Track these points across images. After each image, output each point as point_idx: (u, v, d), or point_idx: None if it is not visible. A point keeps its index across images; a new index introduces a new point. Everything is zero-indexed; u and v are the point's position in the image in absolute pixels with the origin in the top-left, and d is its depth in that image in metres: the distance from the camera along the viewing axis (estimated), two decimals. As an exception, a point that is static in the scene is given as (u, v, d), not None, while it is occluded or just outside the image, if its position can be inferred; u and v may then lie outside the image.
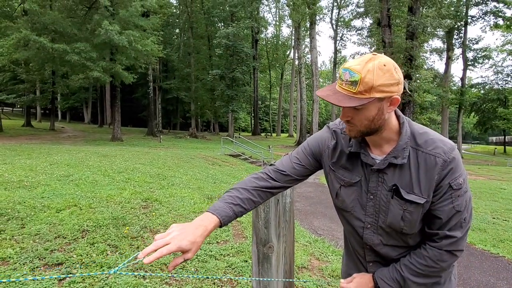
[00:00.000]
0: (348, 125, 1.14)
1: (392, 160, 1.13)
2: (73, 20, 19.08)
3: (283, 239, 1.63)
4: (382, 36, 19.92)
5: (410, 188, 1.13)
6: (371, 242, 1.23)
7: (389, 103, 1.10)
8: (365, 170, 1.20)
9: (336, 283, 3.49)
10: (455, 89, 34.89)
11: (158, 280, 3.02)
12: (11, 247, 3.44)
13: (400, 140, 1.14)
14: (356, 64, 1.04)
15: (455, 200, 1.10)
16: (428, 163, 1.11)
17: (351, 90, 1.04)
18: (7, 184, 5.91)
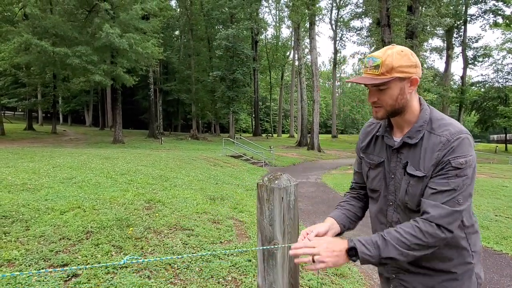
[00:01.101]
0: (375, 106, 1.31)
1: (407, 140, 1.29)
2: (74, 24, 19.15)
3: (288, 236, 1.65)
4: (382, 35, 19.92)
5: (417, 165, 1.25)
6: (391, 219, 1.36)
7: (410, 84, 1.26)
8: (388, 151, 1.37)
9: (340, 281, 3.51)
10: (456, 87, 34.91)
11: (163, 280, 3.05)
12: (16, 249, 3.47)
13: (416, 123, 1.29)
14: (378, 52, 1.26)
15: (452, 178, 1.18)
16: (435, 142, 1.23)
17: (375, 73, 1.24)
18: (10, 187, 5.95)
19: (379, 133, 1.42)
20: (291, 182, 1.65)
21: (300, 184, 11.20)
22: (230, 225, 4.90)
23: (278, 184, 1.60)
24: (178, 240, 3.93)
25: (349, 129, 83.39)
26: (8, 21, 22.77)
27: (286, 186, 1.61)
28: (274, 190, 1.59)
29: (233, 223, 5.04)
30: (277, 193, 1.59)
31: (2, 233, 3.83)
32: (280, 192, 1.59)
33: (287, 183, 1.62)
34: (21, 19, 22.75)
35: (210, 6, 37.08)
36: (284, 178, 1.65)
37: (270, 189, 1.60)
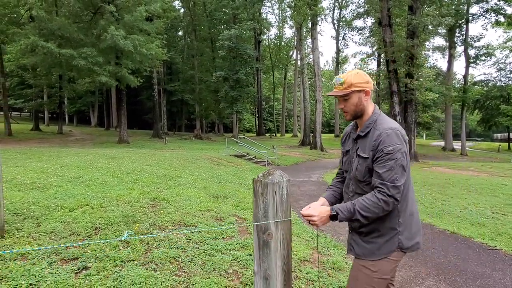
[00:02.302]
0: (343, 111, 1.95)
1: (360, 133, 1.93)
2: (79, 26, 19.40)
3: (280, 226, 1.81)
4: (383, 35, 20.00)
5: (363, 150, 1.88)
6: (350, 189, 2.00)
7: (364, 94, 1.90)
8: (352, 142, 2.01)
9: (337, 274, 3.66)
10: (458, 86, 34.79)
11: (168, 273, 3.21)
12: (29, 244, 3.66)
13: (366, 122, 1.92)
14: (342, 75, 1.92)
15: (387, 161, 1.76)
16: (374, 134, 1.84)
17: (340, 88, 1.90)
18: (20, 186, 6.16)
19: (350, 130, 2.07)
20: (283, 177, 1.82)
21: (302, 183, 11.34)
22: (232, 222, 5.07)
23: (272, 180, 1.77)
24: (182, 235, 4.11)
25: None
26: (15, 23, 23.07)
27: (279, 181, 1.78)
28: (268, 185, 1.76)
29: (235, 220, 5.21)
30: (270, 187, 1.76)
31: (15, 229, 4.03)
32: (274, 187, 1.76)
33: (279, 178, 1.79)
34: (27, 21, 23.05)
35: (213, 6, 37.25)
36: (277, 174, 1.82)
37: (264, 184, 1.77)
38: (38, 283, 2.87)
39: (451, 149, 35.00)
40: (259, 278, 1.85)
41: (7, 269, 3.04)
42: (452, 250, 4.67)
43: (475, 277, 3.85)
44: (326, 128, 69.40)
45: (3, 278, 2.90)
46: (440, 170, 13.97)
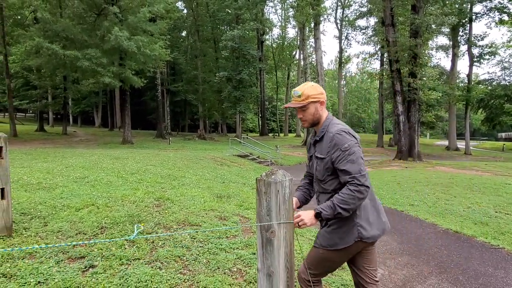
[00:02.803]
0: (302, 120, 2.19)
1: (316, 138, 2.20)
2: (83, 27, 19.51)
3: (283, 225, 1.86)
4: (386, 35, 19.97)
5: (320, 152, 2.13)
6: (316, 189, 2.28)
7: (320, 104, 2.17)
8: (312, 147, 2.27)
9: (340, 273, 3.70)
10: (462, 85, 34.62)
11: (173, 271, 3.27)
12: (36, 243, 3.73)
13: (320, 128, 2.17)
14: (299, 88, 2.16)
15: (347, 157, 1.98)
16: (328, 137, 2.09)
17: (298, 100, 2.14)
18: (27, 186, 6.24)
19: (310, 138, 2.35)
20: (286, 177, 1.87)
21: (305, 182, 11.36)
22: (236, 221, 5.12)
23: (274, 179, 1.81)
24: (186, 234, 4.16)
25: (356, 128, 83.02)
26: (19, 24, 23.27)
27: (282, 180, 1.82)
28: (271, 184, 1.81)
29: (239, 220, 5.26)
30: (273, 186, 1.81)
31: (22, 228, 4.10)
32: (276, 186, 1.81)
33: (282, 177, 1.84)
34: (32, 22, 23.21)
35: (216, 7, 37.32)
36: (280, 173, 1.86)
37: (267, 183, 1.81)
38: (46, 281, 2.93)
39: (455, 149, 34.85)
40: (263, 275, 1.90)
41: (16, 267, 3.11)
42: (455, 249, 4.69)
43: (477, 276, 3.87)
44: (330, 128, 69.18)
45: (12, 276, 2.97)
46: (444, 170, 13.96)
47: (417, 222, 6.13)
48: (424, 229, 5.64)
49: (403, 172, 13.29)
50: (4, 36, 22.25)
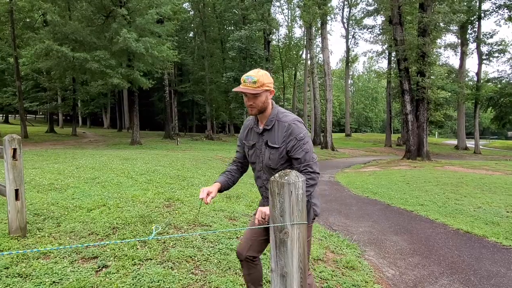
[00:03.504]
0: (251, 107, 2.13)
1: (265, 127, 2.16)
2: (92, 29, 19.70)
3: (296, 225, 1.87)
4: (394, 34, 19.83)
5: (273, 141, 2.12)
6: (262, 178, 2.25)
7: (270, 93, 2.15)
8: (256, 136, 2.23)
9: (350, 273, 3.70)
10: (471, 84, 34.24)
11: (184, 271, 3.30)
12: (50, 243, 3.79)
13: (270, 116, 2.16)
14: (253, 74, 2.08)
15: (302, 146, 2.07)
16: (281, 126, 2.11)
17: (253, 86, 2.06)
18: (39, 187, 6.34)
19: (251, 126, 2.28)
20: (299, 178, 1.88)
21: (314, 182, 11.35)
22: (246, 222, 5.14)
23: (288, 180, 1.83)
24: (197, 235, 4.19)
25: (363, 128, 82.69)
26: (29, 27, 23.57)
27: (295, 181, 1.84)
28: (284, 185, 1.82)
29: (248, 220, 5.28)
30: (286, 187, 1.82)
31: (36, 229, 4.17)
32: (290, 187, 1.82)
33: (295, 179, 1.85)
34: (42, 25, 23.50)
35: (223, 8, 37.39)
36: (293, 174, 1.88)
37: (281, 184, 1.83)
38: (61, 281, 2.98)
39: (464, 148, 34.51)
40: (276, 275, 1.91)
41: (31, 268, 3.17)
42: (466, 250, 4.66)
43: (489, 276, 3.84)
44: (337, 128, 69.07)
45: (28, 276, 3.02)
46: (453, 169, 13.83)
47: (427, 222, 6.10)
48: (434, 229, 5.60)
49: (412, 171, 13.21)
50: (14, 39, 22.57)
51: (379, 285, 3.48)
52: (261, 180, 2.26)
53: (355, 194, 9.14)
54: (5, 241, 3.72)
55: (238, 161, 2.42)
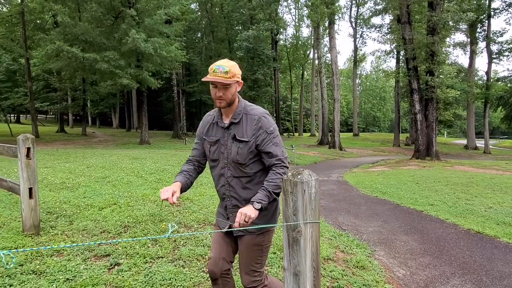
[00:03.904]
0: (221, 99, 1.97)
1: (233, 120, 2.03)
2: (101, 30, 19.91)
3: (309, 224, 1.88)
4: (402, 33, 19.69)
5: (241, 135, 2.00)
6: (227, 175, 2.07)
7: (238, 85, 2.04)
8: (221, 131, 2.08)
9: (360, 272, 3.70)
10: (481, 83, 33.84)
11: (195, 269, 3.33)
12: (63, 241, 3.85)
13: (237, 109, 2.04)
14: (224, 63, 1.95)
15: (273, 139, 2.00)
16: (250, 120, 2.01)
17: (225, 76, 1.92)
18: (51, 186, 6.43)
19: (214, 120, 2.11)
20: (312, 177, 1.89)
21: (322, 182, 11.33)
22: (255, 221, 5.15)
23: (301, 179, 1.84)
24: (207, 234, 4.22)
25: (371, 127, 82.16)
26: (40, 28, 23.89)
27: (308, 180, 1.85)
28: (297, 184, 1.83)
29: (257, 219, 5.29)
30: (299, 186, 1.83)
31: (49, 227, 4.23)
32: (303, 186, 1.83)
33: (308, 177, 1.86)
34: (52, 26, 23.79)
35: (230, 8, 37.48)
36: (306, 173, 1.89)
37: (294, 183, 1.84)
38: (75, 278, 3.02)
39: (474, 148, 34.12)
40: (289, 274, 1.92)
41: (45, 265, 3.22)
42: (477, 250, 4.62)
43: (502, 277, 3.81)
44: (344, 127, 68.76)
45: (42, 273, 3.07)
46: (463, 169, 13.70)
47: (438, 222, 6.05)
48: (445, 229, 5.56)
49: (421, 171, 13.10)
50: (25, 40, 22.89)
51: (390, 285, 3.47)
52: (224, 178, 2.08)
53: (364, 193, 9.10)
54: (19, 238, 3.79)
55: (195, 160, 2.24)
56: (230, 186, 2.08)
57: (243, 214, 1.86)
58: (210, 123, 2.13)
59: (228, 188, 2.09)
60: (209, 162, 2.16)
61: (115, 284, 2.97)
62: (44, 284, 2.88)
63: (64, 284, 2.90)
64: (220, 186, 2.12)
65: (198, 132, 2.19)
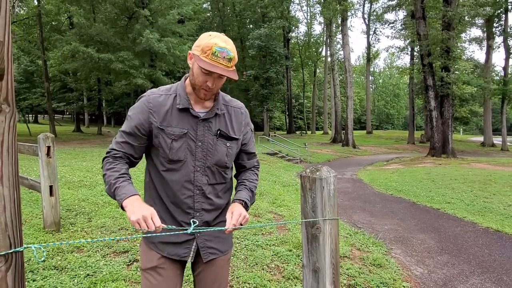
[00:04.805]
0: (209, 90, 1.47)
1: (216, 111, 1.54)
2: (116, 31, 20.19)
3: (328, 221, 1.89)
4: (417, 28, 19.40)
5: (227, 131, 1.58)
6: (200, 182, 1.53)
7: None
8: (191, 122, 1.50)
9: (377, 270, 3.68)
10: (497, 79, 33.09)
11: (212, 266, 3.36)
12: (83, 237, 3.93)
13: (218, 99, 1.57)
14: (229, 47, 1.43)
15: (253, 138, 1.73)
16: (237, 113, 1.63)
17: (228, 65, 1.42)
18: (69, 184, 6.56)
19: (180, 106, 1.49)
20: (330, 173, 1.89)
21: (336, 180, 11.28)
22: (270, 219, 5.17)
23: (319, 175, 1.84)
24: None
25: (384, 125, 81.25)
26: (56, 30, 24.35)
27: (326, 176, 1.85)
28: (316, 180, 1.84)
29: (273, 217, 5.31)
30: (318, 183, 1.83)
31: (69, 224, 4.33)
32: (321, 182, 1.84)
33: (327, 174, 1.87)
34: (68, 27, 24.23)
35: (242, 6, 37.52)
36: (325, 170, 1.89)
37: (312, 179, 1.85)
38: (95, 274, 3.09)
39: (491, 145, 33.43)
40: (308, 271, 1.93)
41: (66, 261, 3.30)
42: (497, 248, 4.54)
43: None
44: (357, 125, 68.17)
45: (63, 269, 3.15)
46: (480, 167, 13.44)
47: (455, 220, 5.97)
48: (463, 228, 5.48)
49: (437, 169, 12.92)
50: (42, 42, 23.36)
51: (408, 283, 3.45)
52: (193, 186, 1.51)
53: (379, 191, 9.02)
54: (40, 235, 3.89)
55: (129, 156, 1.52)
56: (203, 197, 1.54)
57: (241, 214, 1.48)
58: (170, 107, 1.49)
59: (199, 199, 1.53)
60: (164, 163, 1.50)
61: (134, 279, 3.03)
62: (65, 279, 2.95)
63: (85, 280, 2.97)
64: (184, 196, 1.51)
65: (138, 118, 1.48)
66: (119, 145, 1.50)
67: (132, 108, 1.53)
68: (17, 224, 0.96)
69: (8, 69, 0.90)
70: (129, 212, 1.28)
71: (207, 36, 1.44)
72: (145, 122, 1.48)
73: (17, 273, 0.95)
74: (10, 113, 0.92)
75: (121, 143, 1.50)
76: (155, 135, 1.49)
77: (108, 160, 1.50)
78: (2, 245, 0.92)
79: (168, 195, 1.52)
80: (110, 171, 1.44)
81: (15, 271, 0.94)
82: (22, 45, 28.16)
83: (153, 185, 1.57)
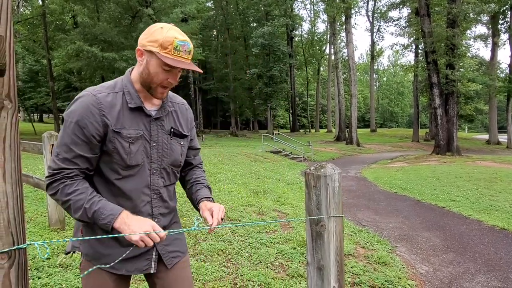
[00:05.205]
0: (170, 86, 1.36)
1: (168, 108, 1.44)
2: (120, 29, 20.24)
3: (333, 218, 1.88)
4: (421, 25, 19.28)
5: (179, 129, 1.47)
6: (157, 185, 1.40)
7: None
8: (144, 122, 1.35)
9: (382, 269, 3.66)
10: (503, 76, 32.83)
11: (217, 264, 3.36)
12: (87, 236, 3.94)
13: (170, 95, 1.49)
14: (186, 37, 1.31)
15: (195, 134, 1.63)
16: (182, 109, 1.53)
17: (188, 58, 1.31)
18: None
19: (133, 105, 1.33)
20: (335, 170, 1.88)
21: (340, 178, 11.25)
22: (274, 217, 5.17)
23: (324, 172, 1.83)
24: (227, 229, 4.25)
25: (388, 123, 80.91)
26: (60, 29, 24.45)
27: (331, 174, 1.84)
28: (320, 178, 1.82)
29: (276, 215, 5.30)
30: (323, 180, 1.82)
31: (74, 222, 4.34)
32: (326, 179, 1.82)
33: (331, 171, 1.85)
34: (72, 27, 24.31)
35: (245, 5, 37.49)
36: (329, 167, 1.88)
37: (317, 176, 1.83)
38: (100, 272, 3.09)
39: (496, 142, 33.21)
40: (313, 269, 1.92)
41: (71, 258, 3.30)
42: (503, 247, 4.50)
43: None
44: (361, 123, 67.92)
45: (68, 267, 3.16)
46: (485, 164, 13.35)
47: (460, 218, 5.93)
48: (468, 226, 5.44)
49: (442, 167, 12.84)
50: (47, 41, 23.47)
51: (413, 281, 3.43)
52: (150, 190, 1.38)
53: (383, 189, 8.99)
54: (45, 233, 3.91)
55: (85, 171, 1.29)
56: (160, 201, 1.42)
57: (221, 208, 1.48)
58: (119, 107, 1.31)
59: (157, 203, 1.41)
60: (119, 170, 1.32)
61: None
62: (70, 277, 2.96)
63: (90, 277, 2.96)
64: (142, 204, 1.37)
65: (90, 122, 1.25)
66: (68, 162, 1.24)
67: (72, 112, 1.26)
68: (20, 221, 0.96)
69: (10, 65, 0.89)
70: (127, 232, 1.17)
71: (159, 30, 1.28)
72: (100, 127, 1.26)
73: (20, 270, 0.94)
74: (12, 109, 0.91)
75: (71, 160, 1.25)
76: (109, 140, 1.29)
77: (61, 183, 1.24)
78: (5, 242, 0.92)
79: (125, 206, 1.29)
80: (73, 195, 1.22)
81: (18, 268, 0.94)
82: (27, 45, 28.31)
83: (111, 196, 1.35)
